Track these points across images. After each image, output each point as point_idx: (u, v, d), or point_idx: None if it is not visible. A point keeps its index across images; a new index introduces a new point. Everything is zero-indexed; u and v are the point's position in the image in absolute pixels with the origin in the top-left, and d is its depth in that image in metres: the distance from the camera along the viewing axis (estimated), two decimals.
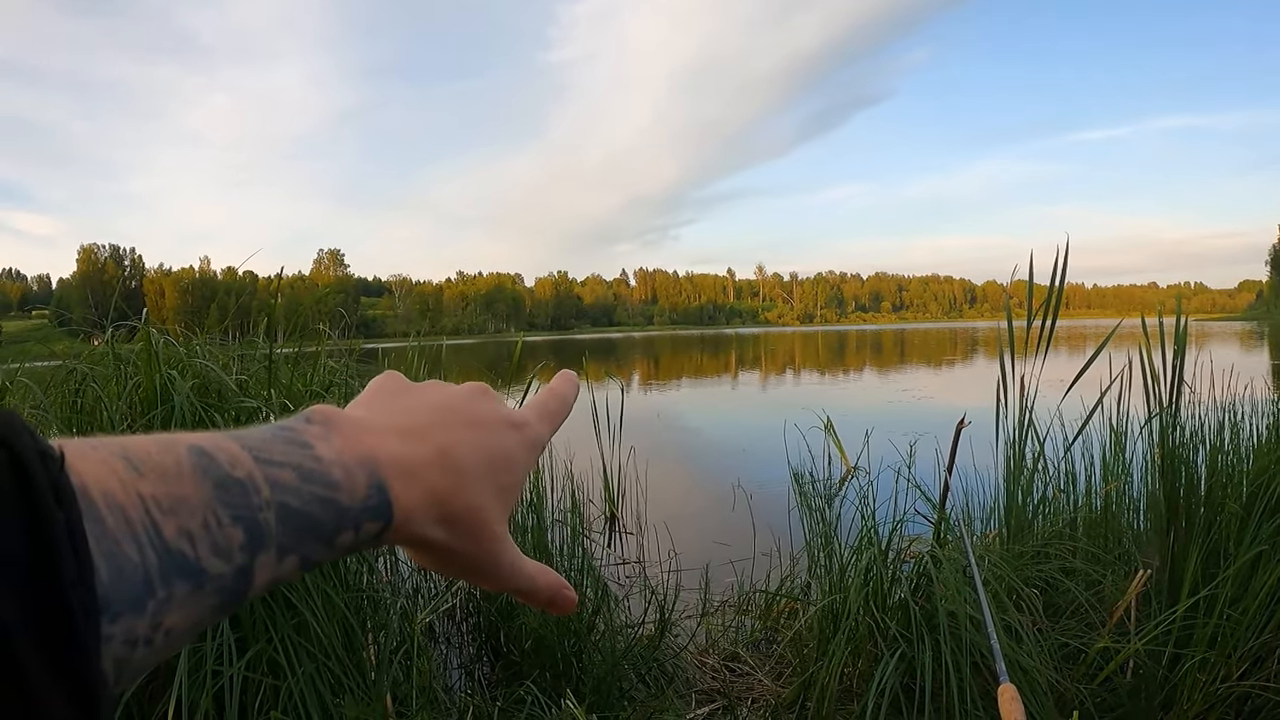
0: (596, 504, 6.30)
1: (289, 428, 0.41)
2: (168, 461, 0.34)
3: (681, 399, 22.70)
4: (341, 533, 0.40)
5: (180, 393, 2.95)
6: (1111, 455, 4.15)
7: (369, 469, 0.41)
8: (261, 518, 0.36)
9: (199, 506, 0.34)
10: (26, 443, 0.28)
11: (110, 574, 0.29)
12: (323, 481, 0.39)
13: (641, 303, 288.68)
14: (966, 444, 4.04)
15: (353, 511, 0.40)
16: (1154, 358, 3.88)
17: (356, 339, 4.90)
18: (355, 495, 0.40)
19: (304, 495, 0.38)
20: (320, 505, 0.39)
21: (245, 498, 0.35)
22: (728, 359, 47.91)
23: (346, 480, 0.40)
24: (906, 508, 3.86)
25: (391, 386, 0.51)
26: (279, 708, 2.51)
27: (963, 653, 2.93)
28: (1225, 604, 3.11)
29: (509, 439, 0.50)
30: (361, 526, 0.41)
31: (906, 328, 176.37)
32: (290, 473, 0.38)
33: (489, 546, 0.47)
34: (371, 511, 0.41)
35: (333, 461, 0.40)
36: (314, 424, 0.42)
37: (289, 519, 0.37)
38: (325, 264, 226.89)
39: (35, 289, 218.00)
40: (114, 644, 0.29)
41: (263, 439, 0.39)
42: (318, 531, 0.38)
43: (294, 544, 0.37)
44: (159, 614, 0.31)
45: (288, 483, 0.38)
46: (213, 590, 0.34)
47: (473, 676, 3.93)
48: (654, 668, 3.95)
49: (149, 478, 0.33)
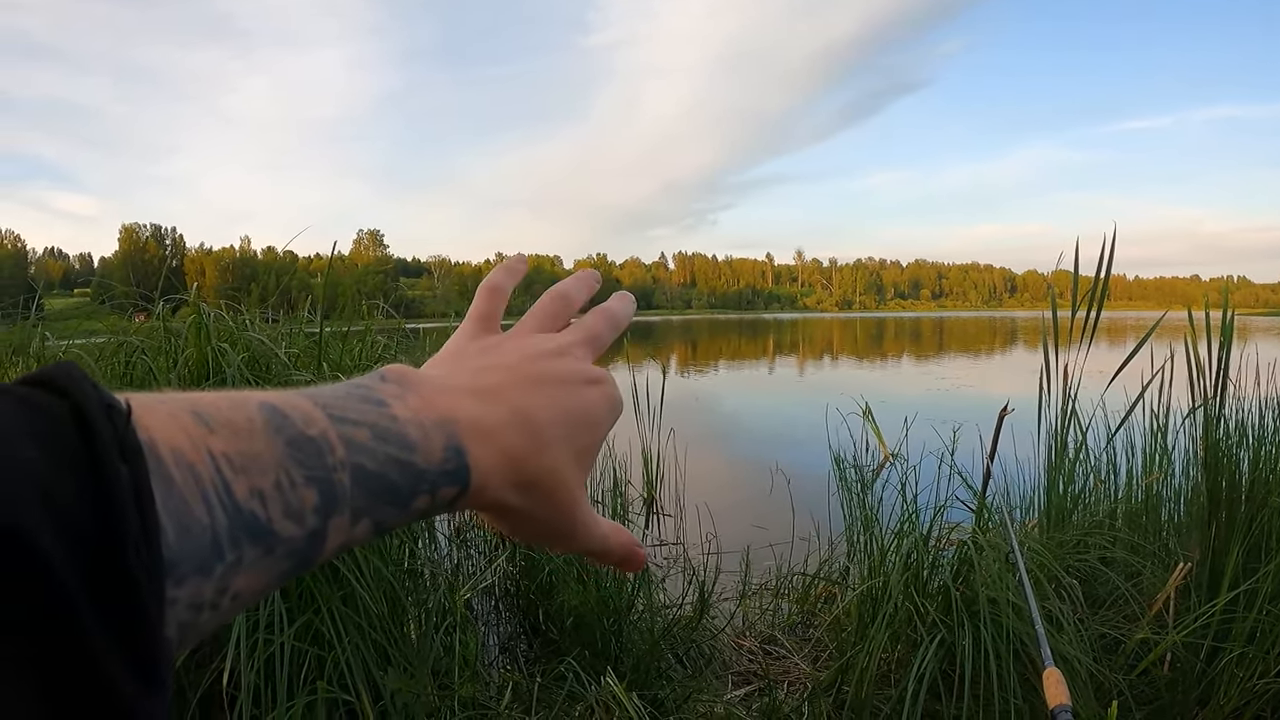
0: (636, 485, 6.31)
1: (364, 385, 0.40)
2: (239, 418, 0.33)
3: (720, 382, 22.68)
4: (417, 497, 0.38)
5: (232, 365, 2.99)
6: (1153, 447, 4.13)
7: (446, 430, 0.40)
8: (336, 479, 0.35)
9: (271, 465, 0.33)
10: (90, 394, 0.28)
11: (177, 535, 0.28)
12: (399, 442, 0.38)
13: (680, 286, 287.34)
14: (1007, 433, 4.03)
15: (429, 474, 0.39)
16: (1198, 351, 3.86)
17: (399, 319, 4.94)
18: (432, 458, 0.39)
19: (379, 456, 0.37)
20: (396, 467, 0.37)
21: (320, 457, 0.34)
22: (766, 343, 47.75)
23: (423, 441, 0.39)
24: (947, 494, 3.87)
25: (468, 346, 0.50)
26: (324, 678, 2.54)
27: (1003, 639, 2.93)
28: (1266, 599, 3.08)
29: (589, 396, 0.48)
30: (438, 491, 0.39)
31: (946, 316, 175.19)
32: (366, 431, 0.37)
33: (567, 510, 0.46)
34: (449, 476, 0.40)
35: (409, 421, 0.39)
36: (389, 382, 0.41)
37: (364, 480, 0.36)
38: (365, 244, 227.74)
39: (77, 268, 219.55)
40: (178, 608, 0.29)
41: (337, 396, 0.38)
42: (393, 495, 0.37)
43: (368, 507, 0.36)
44: (226, 577, 0.30)
45: (363, 442, 0.36)
46: (283, 554, 0.33)
47: (511, 654, 3.97)
48: (692, 648, 3.97)
49: (220, 434, 0.32)
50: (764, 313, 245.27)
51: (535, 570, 4.04)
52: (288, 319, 3.83)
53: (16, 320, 4.04)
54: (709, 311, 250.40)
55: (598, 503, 4.47)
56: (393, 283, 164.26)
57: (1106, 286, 4.17)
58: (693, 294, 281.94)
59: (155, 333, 3.38)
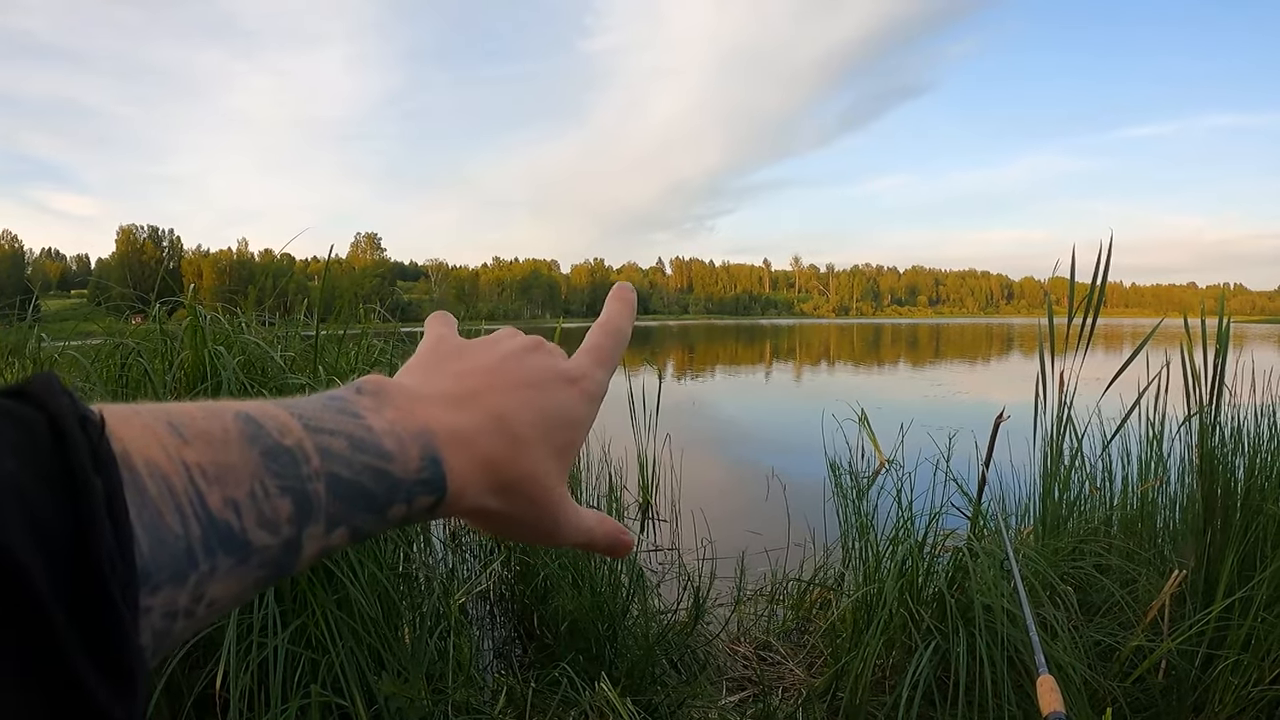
0: (631, 490, 6.32)
1: (340, 397, 0.41)
2: (214, 428, 0.33)
3: (716, 388, 22.65)
4: (393, 505, 0.39)
5: (227, 368, 2.98)
6: (1149, 454, 4.13)
7: (423, 440, 0.41)
8: (311, 488, 0.35)
9: (246, 475, 0.33)
10: (65, 406, 0.28)
11: (151, 545, 0.29)
12: (375, 452, 0.38)
13: (677, 291, 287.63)
14: (1003, 440, 4.03)
15: (406, 484, 0.39)
16: (1194, 358, 3.86)
17: (394, 323, 4.93)
18: (408, 467, 0.39)
19: (355, 465, 0.37)
20: (372, 476, 0.38)
21: (294, 467, 0.35)
22: (762, 349, 47.70)
23: (400, 451, 0.39)
24: (943, 501, 3.87)
25: (443, 348, 0.50)
26: (318, 682, 2.54)
27: (998, 646, 2.93)
28: (1261, 607, 3.09)
29: (566, 395, 0.49)
30: (415, 499, 0.40)
31: (943, 322, 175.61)
32: (342, 441, 0.37)
33: (547, 510, 0.46)
34: (425, 484, 0.40)
35: (385, 432, 0.40)
36: (365, 394, 0.42)
37: (339, 489, 0.36)
38: (362, 247, 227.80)
39: (74, 268, 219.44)
40: (153, 616, 0.29)
41: (314, 407, 0.39)
42: (369, 503, 0.38)
43: (344, 515, 0.37)
44: (201, 586, 0.31)
45: (339, 452, 0.37)
46: (258, 563, 0.33)
47: (505, 659, 3.96)
48: (686, 654, 3.97)
49: (194, 444, 0.32)
50: (761, 318, 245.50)
51: (530, 575, 4.04)
52: (284, 322, 3.82)
53: (13, 321, 4.03)
54: (706, 317, 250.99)
55: (593, 507, 4.45)
56: (389, 286, 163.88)
57: (1103, 293, 4.17)
58: (690, 299, 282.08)
59: (151, 335, 3.38)
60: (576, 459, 4.53)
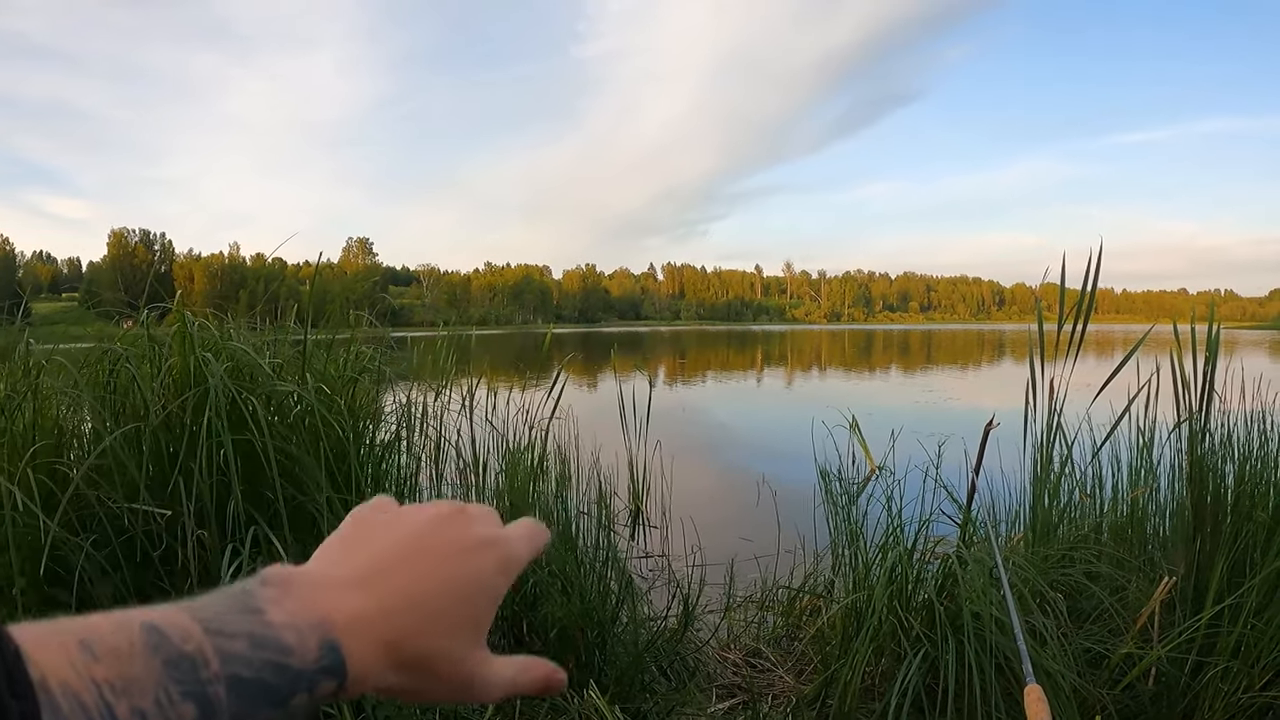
0: (621, 496, 6.30)
1: (245, 592, 0.43)
2: (121, 642, 0.36)
3: (707, 394, 22.71)
4: (295, 695, 0.41)
5: (215, 375, 2.97)
6: (1139, 461, 4.13)
7: (321, 630, 0.43)
8: (211, 691, 0.37)
9: (150, 686, 0.35)
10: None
11: None
12: (275, 647, 0.40)
13: (669, 297, 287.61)
14: (993, 446, 4.03)
15: (306, 674, 0.41)
16: (1184, 364, 3.86)
17: (385, 328, 4.91)
18: (307, 658, 0.41)
19: (256, 664, 0.39)
20: (273, 671, 0.40)
21: (194, 673, 0.37)
22: (754, 355, 47.75)
23: (299, 644, 0.41)
24: (932, 508, 3.87)
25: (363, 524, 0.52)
26: None
27: (986, 654, 2.93)
28: (1250, 614, 3.09)
29: (480, 561, 0.51)
30: (317, 687, 0.42)
31: (934, 328, 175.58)
32: (242, 642, 0.39)
33: (455, 679, 0.48)
34: (325, 671, 0.42)
35: (285, 625, 0.42)
36: (270, 585, 0.44)
37: (241, 688, 0.38)
38: (354, 252, 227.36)
39: (65, 272, 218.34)
40: None
41: (216, 608, 0.41)
42: (271, 696, 0.40)
43: (246, 712, 0.39)
44: None
45: (239, 653, 0.39)
46: None
47: None
48: (676, 661, 3.96)
49: (103, 661, 0.35)
50: (752, 324, 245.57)
51: (519, 582, 4.02)
52: (273, 328, 3.81)
53: (2, 324, 4.01)
54: (697, 323, 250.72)
55: (583, 513, 4.45)
56: (381, 291, 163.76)
57: (1093, 300, 4.17)
58: (681, 305, 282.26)
59: (140, 340, 3.36)
60: (566, 465, 4.55)
